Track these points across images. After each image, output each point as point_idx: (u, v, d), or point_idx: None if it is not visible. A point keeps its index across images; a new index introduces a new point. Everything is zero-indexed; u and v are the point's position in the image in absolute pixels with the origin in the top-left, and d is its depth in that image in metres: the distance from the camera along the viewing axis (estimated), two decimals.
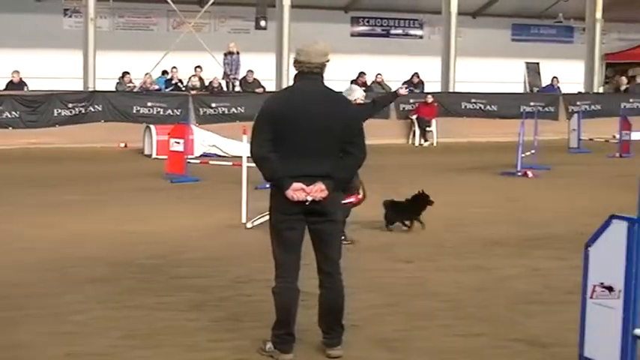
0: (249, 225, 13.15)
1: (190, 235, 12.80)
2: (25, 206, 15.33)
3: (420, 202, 13.13)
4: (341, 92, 7.45)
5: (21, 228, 13.17)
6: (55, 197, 16.57)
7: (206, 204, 15.69)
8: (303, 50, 7.21)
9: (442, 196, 16.74)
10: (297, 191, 6.95)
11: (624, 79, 37.66)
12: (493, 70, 37.97)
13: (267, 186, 7.31)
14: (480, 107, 32.72)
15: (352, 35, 38.41)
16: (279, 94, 7.73)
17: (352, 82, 27.09)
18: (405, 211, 13.21)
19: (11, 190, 17.26)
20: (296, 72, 7.31)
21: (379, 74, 33.19)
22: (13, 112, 26.90)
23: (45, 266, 10.54)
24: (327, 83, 7.27)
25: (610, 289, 6.28)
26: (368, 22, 39.01)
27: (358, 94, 12.24)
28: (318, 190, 6.98)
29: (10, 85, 28.41)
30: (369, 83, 32.43)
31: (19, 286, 9.60)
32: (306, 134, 7.03)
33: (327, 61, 7.27)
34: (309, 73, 7.21)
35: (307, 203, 7.00)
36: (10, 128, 26.68)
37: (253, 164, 7.33)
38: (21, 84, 28.66)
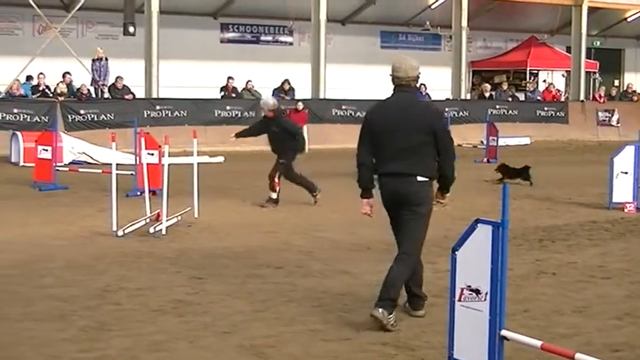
0: (120, 233, 12.95)
1: (58, 243, 12.52)
2: None
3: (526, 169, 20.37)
4: (428, 102, 8.21)
5: None
6: None
7: (75, 212, 15.36)
8: (399, 67, 8.49)
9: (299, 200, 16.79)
10: (365, 206, 8.78)
11: (488, 86, 38.34)
12: (362, 77, 38.30)
13: (139, 193, 7.25)
14: (351, 114, 32.86)
15: (222, 42, 38.27)
16: (376, 105, 8.76)
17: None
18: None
19: None
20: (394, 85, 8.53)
21: (249, 81, 33.15)
22: None
23: None
24: (199, 90, 7.34)
25: (477, 291, 6.40)
26: (237, 28, 38.91)
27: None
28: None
29: None
30: (239, 90, 32.43)
31: None
32: (395, 139, 8.23)
33: (419, 73, 8.55)
34: (406, 85, 8.45)
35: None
36: None
37: (123, 172, 7.26)
38: None
